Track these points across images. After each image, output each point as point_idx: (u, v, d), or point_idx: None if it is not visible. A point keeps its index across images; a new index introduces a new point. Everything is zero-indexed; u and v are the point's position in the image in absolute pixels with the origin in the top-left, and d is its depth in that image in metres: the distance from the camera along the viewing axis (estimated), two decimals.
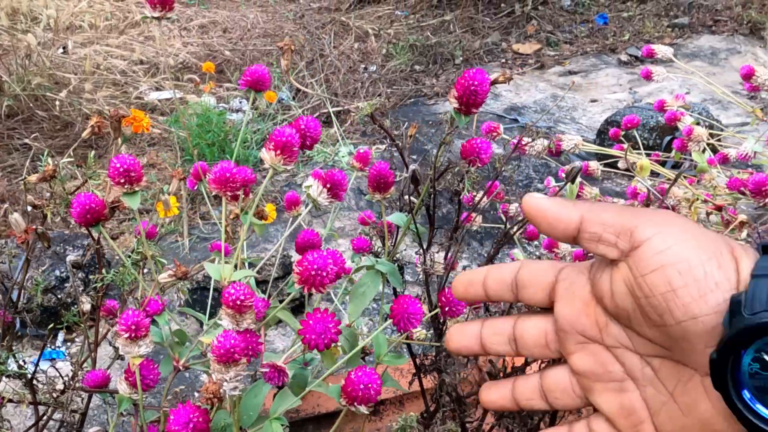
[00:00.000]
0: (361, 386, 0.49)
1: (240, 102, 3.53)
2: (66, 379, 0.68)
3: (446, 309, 0.62)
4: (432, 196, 0.64)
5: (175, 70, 3.59)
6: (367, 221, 0.87)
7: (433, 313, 0.65)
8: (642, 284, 0.40)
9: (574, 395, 0.47)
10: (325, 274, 0.48)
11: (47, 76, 3.05)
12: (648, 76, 1.27)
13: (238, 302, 0.51)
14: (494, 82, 0.64)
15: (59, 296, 1.86)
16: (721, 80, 3.55)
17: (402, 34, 4.29)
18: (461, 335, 0.50)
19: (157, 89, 3.50)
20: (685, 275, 0.39)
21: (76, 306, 0.72)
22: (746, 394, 0.38)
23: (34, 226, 0.58)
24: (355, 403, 0.50)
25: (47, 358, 2.35)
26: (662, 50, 1.30)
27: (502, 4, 4.35)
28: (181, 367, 0.64)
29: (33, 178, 0.60)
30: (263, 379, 0.61)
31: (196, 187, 0.85)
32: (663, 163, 1.51)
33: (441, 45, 3.97)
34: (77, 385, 0.62)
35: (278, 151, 0.56)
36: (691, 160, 1.27)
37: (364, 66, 3.96)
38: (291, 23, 4.76)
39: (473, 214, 1.08)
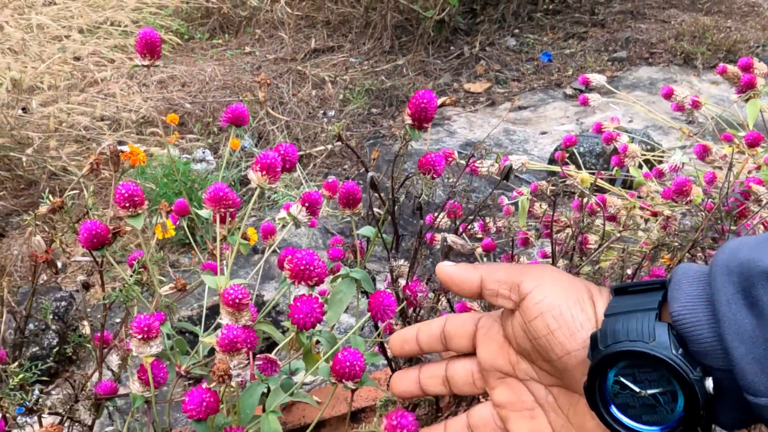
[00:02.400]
0: (348, 364, 0.58)
1: (203, 152, 3.60)
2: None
3: (409, 300, 0.71)
4: (393, 203, 0.73)
5: (137, 125, 3.66)
6: (338, 255, 0.95)
7: (401, 306, 0.73)
8: (530, 329, 0.50)
9: (496, 428, 0.55)
10: (312, 268, 0.57)
11: (9, 136, 3.09)
12: (585, 102, 1.40)
13: (237, 300, 0.59)
14: (442, 105, 0.75)
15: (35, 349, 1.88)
16: (660, 108, 3.76)
17: (357, 79, 4.44)
18: (402, 380, 0.59)
19: (120, 143, 3.56)
20: (558, 319, 0.49)
21: (76, 331, 0.78)
22: (613, 410, 0.47)
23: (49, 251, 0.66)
24: (343, 380, 0.59)
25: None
26: (596, 78, 1.44)
27: (451, 47, 4.54)
28: (183, 372, 0.71)
29: (43, 209, 0.67)
30: (258, 371, 0.69)
31: (178, 222, 0.93)
32: (612, 182, 1.64)
33: (395, 88, 4.13)
34: (89, 393, 0.68)
35: (264, 172, 0.65)
36: (632, 176, 1.40)
37: (323, 111, 4.08)
38: (248, 74, 4.89)
39: (436, 235, 1.18)
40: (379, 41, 4.84)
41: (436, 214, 1.09)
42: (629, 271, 1.10)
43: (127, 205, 0.65)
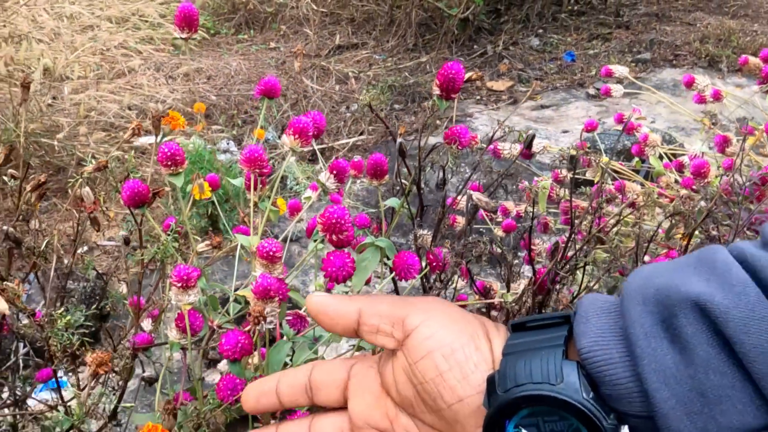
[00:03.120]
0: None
1: (227, 143, 3.66)
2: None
3: (432, 264, 0.74)
4: (419, 172, 0.76)
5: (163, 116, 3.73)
6: (365, 222, 0.99)
7: (423, 272, 0.76)
8: (415, 371, 0.42)
9: None
10: (343, 222, 0.60)
11: (40, 123, 3.17)
12: (607, 92, 1.42)
13: (270, 253, 0.63)
14: (468, 80, 0.78)
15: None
16: (685, 108, 3.76)
17: (381, 75, 4.48)
18: None
19: (147, 133, 3.63)
20: (449, 359, 0.41)
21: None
22: None
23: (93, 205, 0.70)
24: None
25: (49, 388, 2.41)
26: (619, 70, 1.46)
27: (475, 46, 4.57)
28: (215, 327, 0.75)
29: (89, 168, 0.72)
30: (288, 326, 0.72)
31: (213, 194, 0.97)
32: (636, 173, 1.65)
33: (418, 84, 4.16)
34: (126, 344, 0.72)
35: (296, 136, 0.69)
36: (652, 167, 1.42)
37: (345, 106, 4.13)
38: (273, 69, 4.95)
39: (457, 217, 1.21)
40: (403, 38, 4.87)
41: (460, 187, 1.11)
42: (647, 258, 1.12)
43: (169, 163, 0.68)
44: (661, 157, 1.43)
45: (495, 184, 0.76)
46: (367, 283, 0.90)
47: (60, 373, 2.11)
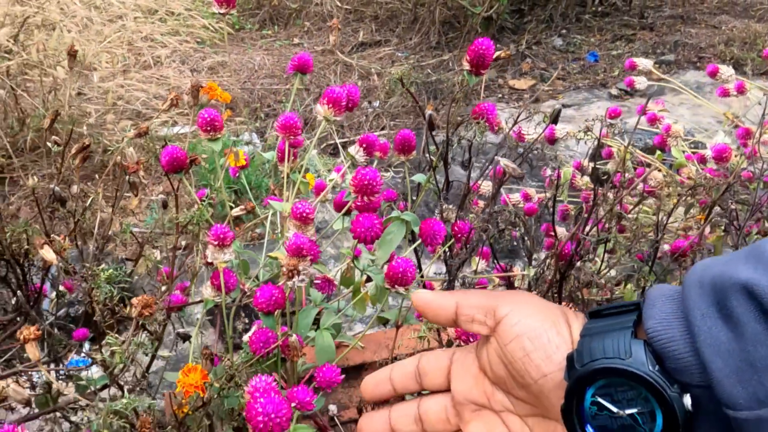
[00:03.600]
0: (400, 270, 0.64)
1: (250, 135, 3.70)
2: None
3: (456, 236, 0.77)
4: (446, 146, 0.78)
5: (188, 107, 3.78)
6: (392, 196, 1.01)
7: (449, 243, 0.79)
8: (506, 352, 0.49)
9: None
10: (374, 184, 0.63)
11: (69, 109, 3.23)
12: (631, 84, 1.44)
13: (304, 214, 0.66)
14: (497, 58, 0.80)
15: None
16: (707, 112, 3.75)
17: (403, 73, 4.50)
18: (371, 422, 0.57)
19: (173, 123, 3.69)
20: (534, 341, 0.48)
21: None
22: None
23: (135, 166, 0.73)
24: (396, 285, 0.64)
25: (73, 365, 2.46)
26: (643, 62, 1.47)
27: (498, 44, 4.57)
28: (246, 290, 0.78)
29: (131, 134, 0.75)
30: (316, 289, 0.75)
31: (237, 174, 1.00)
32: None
33: (440, 82, 4.18)
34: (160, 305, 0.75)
35: (330, 105, 0.72)
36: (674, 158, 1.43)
37: (368, 101, 4.15)
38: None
39: (479, 201, 1.23)
40: (426, 36, 4.89)
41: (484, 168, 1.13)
42: (666, 247, 1.14)
43: (208, 128, 0.71)
44: (683, 150, 1.44)
45: (520, 160, 0.78)
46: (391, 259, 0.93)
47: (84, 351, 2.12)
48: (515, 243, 1.10)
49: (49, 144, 0.75)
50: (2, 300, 0.90)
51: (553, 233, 0.78)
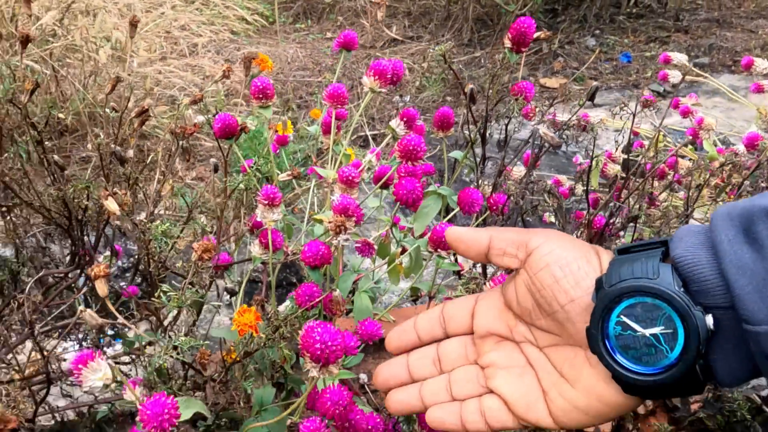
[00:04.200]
0: (443, 234, 0.67)
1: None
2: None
3: (492, 207, 0.80)
4: (485, 121, 0.82)
5: (223, 95, 3.85)
6: (429, 170, 1.05)
7: (484, 216, 0.82)
8: (535, 281, 0.51)
9: (477, 384, 0.55)
10: (419, 150, 0.66)
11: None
12: (665, 77, 1.45)
13: (350, 178, 0.69)
14: (537, 39, 0.83)
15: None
16: (740, 115, 3.72)
17: (434, 68, 4.53)
18: (387, 367, 0.58)
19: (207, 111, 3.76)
20: (564, 269, 0.50)
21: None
22: (615, 352, 0.48)
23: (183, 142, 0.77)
24: (439, 248, 0.68)
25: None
26: (677, 57, 1.48)
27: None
28: (290, 253, 0.82)
29: (186, 100, 0.79)
30: (357, 252, 0.79)
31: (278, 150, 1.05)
32: None
33: (472, 78, 4.20)
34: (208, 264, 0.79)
35: (376, 77, 0.75)
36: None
37: (399, 95, 4.19)
38: (329, 58, 5.04)
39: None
40: (459, 33, 4.91)
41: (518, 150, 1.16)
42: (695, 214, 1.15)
43: (260, 96, 0.75)
44: (715, 143, 1.45)
45: (558, 130, 0.81)
46: (423, 235, 0.96)
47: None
48: (546, 225, 1.12)
49: (107, 110, 0.79)
50: (57, 256, 0.95)
51: (586, 206, 0.80)
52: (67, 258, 0.90)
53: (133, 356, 0.89)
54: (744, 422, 0.75)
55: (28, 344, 0.87)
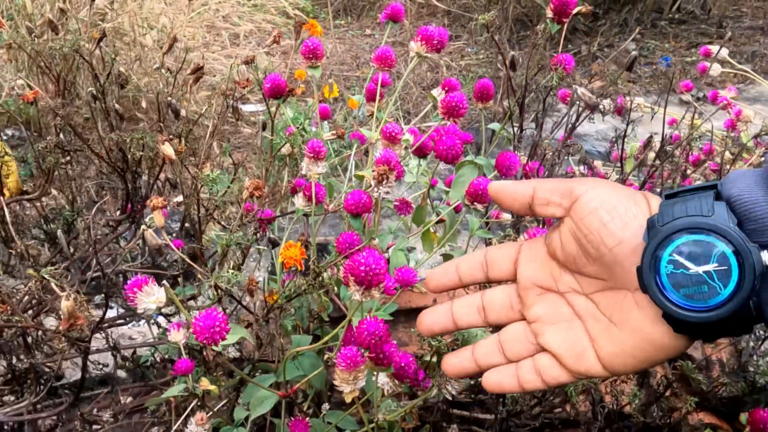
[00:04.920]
0: (480, 188, 0.70)
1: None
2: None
3: (528, 176, 0.82)
4: (524, 90, 0.84)
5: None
6: (468, 139, 1.07)
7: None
8: (581, 226, 0.51)
9: (527, 342, 0.56)
10: (461, 106, 0.69)
11: (153, 77, 3.39)
12: (704, 70, 1.46)
13: (392, 134, 0.73)
14: (577, 13, 0.86)
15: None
16: None
17: (472, 66, 4.55)
18: (432, 313, 0.58)
19: (243, 102, 3.83)
20: (611, 212, 0.50)
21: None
22: (667, 290, 0.48)
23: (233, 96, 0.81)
24: (475, 202, 0.71)
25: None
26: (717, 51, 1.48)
27: (569, 45, 4.57)
28: (330, 210, 0.85)
29: (238, 61, 0.83)
30: (395, 211, 0.82)
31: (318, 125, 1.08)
32: None
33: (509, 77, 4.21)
34: (253, 217, 0.83)
35: (423, 42, 0.78)
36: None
37: None
38: (367, 53, 5.09)
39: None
40: (498, 32, 4.92)
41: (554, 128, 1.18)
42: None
43: (310, 56, 0.79)
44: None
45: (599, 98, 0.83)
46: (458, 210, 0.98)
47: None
48: None
49: (163, 71, 0.84)
50: (109, 206, 1.00)
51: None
52: (117, 213, 0.95)
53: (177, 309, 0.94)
54: (767, 390, 0.76)
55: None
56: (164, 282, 0.56)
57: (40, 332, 0.74)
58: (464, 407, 1.02)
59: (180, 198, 0.83)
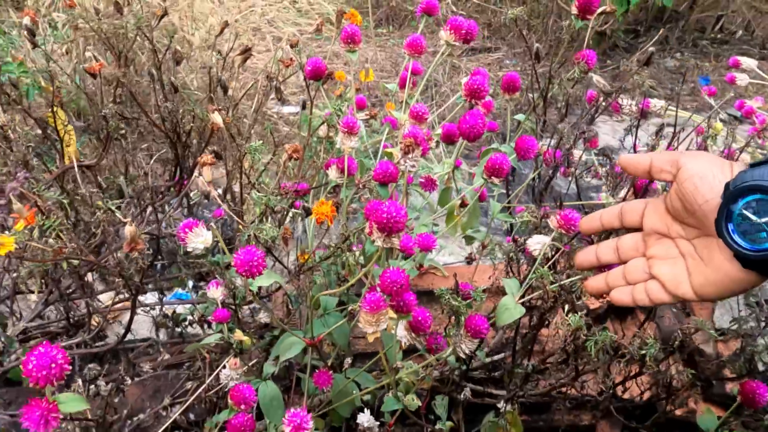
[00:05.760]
0: (498, 162, 0.76)
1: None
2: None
3: (546, 161, 0.88)
4: (548, 81, 0.90)
5: (302, 88, 4.02)
6: (493, 127, 1.13)
7: (538, 170, 0.90)
8: (682, 188, 0.68)
9: (642, 273, 0.75)
10: (483, 89, 0.75)
11: (197, 75, 3.51)
12: (732, 80, 1.49)
13: (419, 113, 0.79)
14: (602, 12, 0.91)
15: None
16: None
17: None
18: (584, 253, 0.80)
19: (282, 103, 3.93)
20: (702, 179, 0.66)
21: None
22: (735, 235, 0.63)
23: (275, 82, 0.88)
24: (492, 176, 0.76)
25: (177, 298, 2.68)
26: (747, 62, 1.52)
27: (608, 60, 4.59)
28: (361, 185, 0.92)
29: (286, 42, 0.90)
30: (420, 188, 0.88)
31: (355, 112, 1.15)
32: None
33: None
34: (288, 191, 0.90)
35: (452, 31, 0.85)
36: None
37: None
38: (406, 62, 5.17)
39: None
40: (538, 41, 4.96)
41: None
42: None
43: (348, 41, 0.86)
44: None
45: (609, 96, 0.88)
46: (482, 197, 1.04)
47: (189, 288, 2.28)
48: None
49: (214, 53, 0.91)
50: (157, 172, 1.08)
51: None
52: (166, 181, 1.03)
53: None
54: (765, 373, 0.81)
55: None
56: (212, 224, 0.63)
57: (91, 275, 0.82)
58: (478, 383, 1.08)
59: (223, 170, 0.90)
